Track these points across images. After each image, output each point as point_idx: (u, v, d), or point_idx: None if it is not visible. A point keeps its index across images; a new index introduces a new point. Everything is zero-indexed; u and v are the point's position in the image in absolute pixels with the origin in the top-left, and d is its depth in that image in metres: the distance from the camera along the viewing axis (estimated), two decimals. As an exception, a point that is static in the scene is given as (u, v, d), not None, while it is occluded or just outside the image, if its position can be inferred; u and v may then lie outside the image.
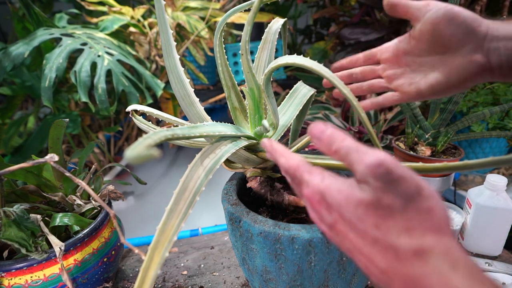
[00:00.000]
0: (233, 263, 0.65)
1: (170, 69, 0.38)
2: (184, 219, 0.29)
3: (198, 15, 1.28)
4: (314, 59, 0.33)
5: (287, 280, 0.40)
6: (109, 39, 1.03)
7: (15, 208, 0.43)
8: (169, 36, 0.36)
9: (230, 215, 0.43)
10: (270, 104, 0.40)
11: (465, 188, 0.91)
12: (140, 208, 1.22)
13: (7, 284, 0.44)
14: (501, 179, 0.59)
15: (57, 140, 0.50)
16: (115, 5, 1.16)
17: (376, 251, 0.22)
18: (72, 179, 0.40)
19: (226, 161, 0.47)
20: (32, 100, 1.46)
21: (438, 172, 0.32)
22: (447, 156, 0.69)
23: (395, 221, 0.21)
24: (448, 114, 0.66)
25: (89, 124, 1.36)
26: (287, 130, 0.51)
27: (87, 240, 0.49)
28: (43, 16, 0.95)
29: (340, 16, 1.36)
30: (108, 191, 0.57)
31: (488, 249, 0.63)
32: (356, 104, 0.33)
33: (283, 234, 0.37)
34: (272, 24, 0.51)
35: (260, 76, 0.49)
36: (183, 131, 0.33)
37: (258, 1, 0.34)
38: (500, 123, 0.81)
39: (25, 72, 1.09)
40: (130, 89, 0.92)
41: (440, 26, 0.31)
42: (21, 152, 1.06)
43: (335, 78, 0.33)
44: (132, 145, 0.23)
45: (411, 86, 0.36)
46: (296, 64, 0.33)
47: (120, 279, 0.62)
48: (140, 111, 0.48)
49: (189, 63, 1.28)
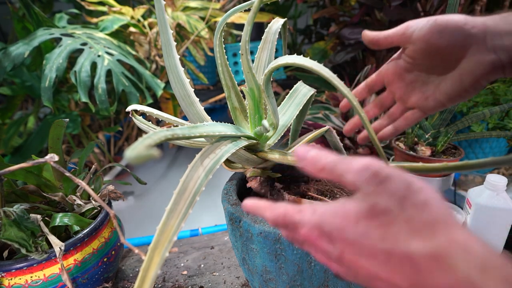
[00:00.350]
0: (233, 263, 0.65)
1: (170, 69, 0.38)
2: (184, 219, 0.29)
3: (198, 15, 1.28)
4: (314, 59, 0.33)
5: (287, 280, 0.40)
6: (109, 39, 1.03)
7: (15, 208, 0.43)
8: (169, 36, 0.36)
9: (230, 215, 0.43)
10: (270, 104, 0.40)
11: (465, 188, 0.91)
12: (140, 208, 1.22)
13: (7, 284, 0.44)
14: (501, 179, 0.59)
15: (57, 140, 0.50)
16: (115, 5, 1.16)
17: (393, 270, 0.20)
18: (72, 179, 0.40)
19: (226, 161, 0.47)
20: (32, 100, 1.46)
21: (438, 172, 0.32)
22: (447, 156, 0.69)
23: (399, 225, 0.20)
24: (448, 114, 0.66)
25: (89, 124, 1.36)
26: (287, 130, 0.51)
27: (87, 240, 0.49)
28: (43, 16, 0.95)
29: (340, 16, 1.36)
30: (108, 191, 0.57)
31: (488, 249, 0.63)
32: (356, 104, 0.33)
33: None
34: (272, 24, 0.51)
35: (260, 76, 0.49)
36: (183, 131, 0.33)
37: (258, 1, 0.34)
38: (500, 123, 0.81)
39: (25, 72, 1.08)
40: (130, 89, 0.92)
41: (432, 41, 0.31)
42: (21, 152, 1.06)
43: (335, 78, 0.33)
44: (132, 145, 0.23)
45: (428, 100, 0.35)
46: (296, 64, 0.33)
47: (120, 279, 0.62)
48: (140, 111, 0.48)
49: (189, 63, 1.28)
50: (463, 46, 0.30)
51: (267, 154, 0.46)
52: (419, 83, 0.35)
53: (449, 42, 0.30)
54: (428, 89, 0.35)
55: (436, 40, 0.30)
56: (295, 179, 0.57)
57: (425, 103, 0.35)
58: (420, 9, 1.12)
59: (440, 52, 0.31)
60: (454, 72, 0.32)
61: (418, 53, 0.33)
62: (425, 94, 0.35)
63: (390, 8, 1.05)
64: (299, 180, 0.57)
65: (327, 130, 0.56)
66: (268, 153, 0.46)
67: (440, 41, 0.30)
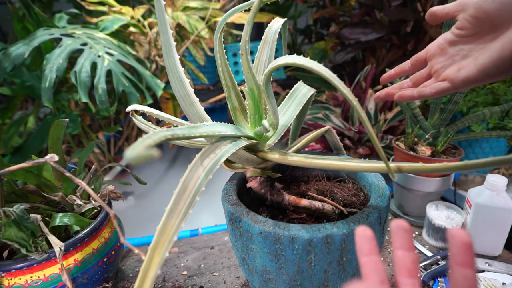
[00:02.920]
0: (233, 263, 0.65)
1: (170, 69, 0.38)
2: (184, 219, 0.29)
3: (198, 15, 1.28)
4: (314, 59, 0.33)
5: (287, 280, 0.40)
6: (109, 39, 1.03)
7: (15, 208, 0.43)
8: (169, 36, 0.36)
9: (230, 215, 0.43)
10: (270, 104, 0.40)
11: (465, 188, 0.91)
12: (140, 208, 1.22)
13: (7, 284, 0.44)
14: (501, 179, 0.59)
15: (57, 140, 0.50)
16: (115, 5, 1.16)
17: None
18: (72, 179, 0.40)
19: (226, 161, 0.47)
20: (32, 100, 1.46)
21: (438, 172, 0.32)
22: (447, 156, 0.69)
23: None
24: (448, 114, 0.66)
25: (89, 124, 1.36)
26: (287, 130, 0.51)
27: (87, 240, 0.49)
28: (43, 16, 0.95)
29: (340, 16, 1.36)
30: (108, 191, 0.57)
31: (488, 249, 0.63)
32: (356, 104, 0.33)
33: (283, 234, 0.37)
34: (272, 24, 0.51)
35: (260, 76, 0.49)
36: (183, 131, 0.33)
37: (258, 1, 0.34)
38: (500, 123, 0.81)
39: (25, 72, 1.08)
40: (130, 89, 0.92)
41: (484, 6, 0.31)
42: (21, 152, 1.06)
43: (335, 78, 0.33)
44: (132, 145, 0.23)
45: (460, 71, 0.34)
46: (296, 64, 0.33)
47: (120, 279, 0.62)
48: (140, 111, 0.48)
49: (189, 63, 1.27)
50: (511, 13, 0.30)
51: (267, 154, 0.46)
52: (459, 56, 0.35)
53: (499, 7, 0.31)
54: (464, 62, 0.35)
55: (488, 5, 0.31)
56: (295, 179, 0.57)
57: (457, 74, 0.35)
58: (420, 9, 1.12)
59: (489, 19, 0.31)
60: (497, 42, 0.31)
61: (468, 21, 0.33)
62: (460, 66, 0.35)
63: (390, 8, 1.05)
64: (299, 180, 0.57)
65: (327, 130, 0.56)
66: (268, 153, 0.46)
67: (491, 7, 0.31)
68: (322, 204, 0.46)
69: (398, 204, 0.78)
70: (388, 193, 0.45)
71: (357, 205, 0.48)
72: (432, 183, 0.69)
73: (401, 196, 0.76)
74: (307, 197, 0.49)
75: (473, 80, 0.34)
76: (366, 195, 0.50)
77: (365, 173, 0.51)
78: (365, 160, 0.38)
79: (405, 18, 1.11)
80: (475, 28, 0.33)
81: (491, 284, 0.54)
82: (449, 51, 0.36)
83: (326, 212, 0.45)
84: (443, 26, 0.56)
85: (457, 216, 0.66)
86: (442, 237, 0.65)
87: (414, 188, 0.71)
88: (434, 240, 0.67)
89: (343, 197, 0.49)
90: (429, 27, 0.98)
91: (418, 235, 0.71)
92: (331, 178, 0.56)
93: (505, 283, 0.54)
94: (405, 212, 0.77)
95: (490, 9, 0.31)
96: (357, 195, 0.49)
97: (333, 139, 0.58)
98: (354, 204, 0.48)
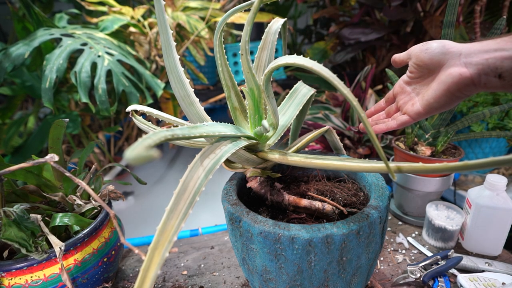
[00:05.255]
0: (233, 263, 0.65)
1: (170, 69, 0.38)
2: (184, 219, 0.29)
3: (198, 15, 1.28)
4: (314, 59, 0.33)
5: (287, 280, 0.40)
6: (109, 39, 1.03)
7: (15, 208, 0.43)
8: (169, 36, 0.36)
9: (230, 215, 0.43)
10: (270, 104, 0.40)
11: (465, 188, 0.91)
12: (140, 208, 1.22)
13: (7, 284, 0.44)
14: (501, 179, 0.59)
15: (57, 140, 0.50)
16: (115, 5, 1.16)
17: None
18: (72, 179, 0.40)
19: (226, 161, 0.47)
20: (32, 100, 1.46)
21: (438, 172, 0.32)
22: (447, 156, 0.69)
23: None
24: (448, 114, 0.66)
25: (89, 124, 1.36)
26: (287, 130, 0.51)
27: (87, 240, 0.49)
28: (43, 16, 0.95)
29: (340, 16, 1.36)
30: (108, 191, 0.57)
31: (488, 249, 0.63)
32: (356, 104, 0.33)
33: (283, 234, 0.37)
34: (272, 24, 0.51)
35: (260, 76, 0.49)
36: (183, 131, 0.33)
37: (258, 1, 0.34)
38: (500, 123, 0.81)
39: (25, 72, 1.09)
40: (130, 89, 0.92)
41: (420, 56, 0.40)
42: (21, 152, 1.06)
43: (335, 78, 0.33)
44: (132, 145, 0.23)
45: (414, 106, 0.42)
46: (296, 64, 0.33)
47: (120, 279, 0.62)
48: (140, 111, 0.48)
49: (189, 63, 1.28)
50: (441, 60, 0.38)
51: (267, 154, 0.46)
52: (414, 93, 0.44)
53: (430, 57, 0.39)
54: (417, 98, 0.43)
55: (423, 56, 0.40)
56: (295, 179, 0.57)
57: (412, 108, 0.42)
58: (420, 9, 1.12)
59: (426, 65, 0.40)
60: (434, 82, 0.39)
61: (413, 67, 0.42)
62: (413, 102, 0.43)
63: (390, 8, 1.05)
64: (299, 180, 0.57)
65: (327, 130, 0.56)
66: (268, 153, 0.46)
67: (425, 56, 0.39)
68: (322, 204, 0.46)
69: (398, 204, 0.78)
70: (388, 193, 0.45)
71: (357, 205, 0.48)
72: (432, 183, 0.69)
73: (401, 196, 0.76)
74: (307, 197, 0.49)
75: (422, 114, 0.41)
76: (366, 195, 0.50)
77: (365, 173, 0.51)
78: (365, 160, 0.38)
79: (405, 18, 1.11)
80: (419, 72, 0.41)
81: (491, 284, 0.54)
82: (407, 90, 0.44)
83: (326, 212, 0.45)
84: (443, 27, 0.56)
85: (457, 216, 0.66)
86: (442, 237, 0.65)
87: (414, 188, 0.71)
88: (434, 240, 0.67)
89: (343, 197, 0.49)
90: (429, 27, 0.98)
91: (418, 235, 0.71)
92: (331, 178, 0.56)
93: (505, 283, 0.54)
94: (405, 212, 0.77)
95: (424, 58, 0.39)
96: (357, 195, 0.50)
97: (333, 139, 0.58)
98: (354, 204, 0.48)
